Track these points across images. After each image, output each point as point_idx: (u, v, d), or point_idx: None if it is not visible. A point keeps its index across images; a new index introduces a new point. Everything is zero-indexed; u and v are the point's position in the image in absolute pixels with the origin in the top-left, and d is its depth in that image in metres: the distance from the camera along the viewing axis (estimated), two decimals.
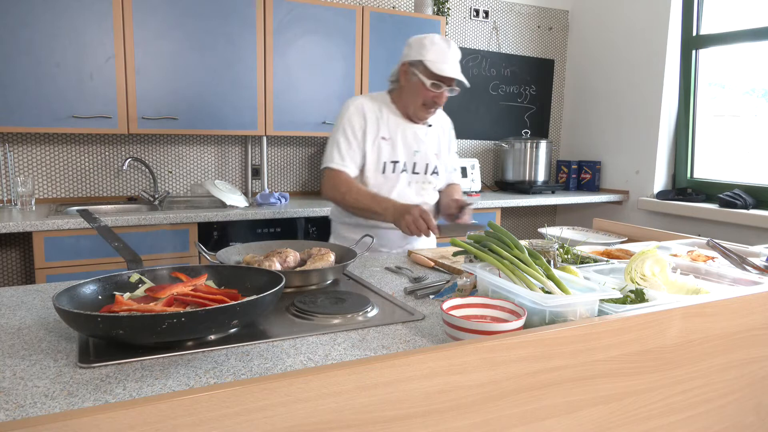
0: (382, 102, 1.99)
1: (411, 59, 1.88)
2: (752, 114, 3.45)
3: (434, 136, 2.05)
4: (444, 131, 2.11)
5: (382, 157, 1.93)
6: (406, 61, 1.90)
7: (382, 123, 1.94)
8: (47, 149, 2.94)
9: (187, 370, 0.88)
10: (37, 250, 2.42)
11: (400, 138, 1.96)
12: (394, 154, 1.95)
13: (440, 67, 1.83)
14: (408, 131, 1.98)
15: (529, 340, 0.85)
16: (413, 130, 1.99)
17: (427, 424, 0.78)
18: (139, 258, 1.23)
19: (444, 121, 2.13)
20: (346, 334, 1.05)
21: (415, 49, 1.88)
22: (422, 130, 2.01)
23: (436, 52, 1.84)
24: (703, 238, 1.74)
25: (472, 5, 3.99)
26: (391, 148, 1.94)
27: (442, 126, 2.11)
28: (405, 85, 1.93)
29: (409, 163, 1.98)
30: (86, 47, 2.64)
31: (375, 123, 1.93)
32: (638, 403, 0.99)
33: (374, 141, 1.93)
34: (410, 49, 1.90)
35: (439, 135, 2.08)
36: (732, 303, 1.07)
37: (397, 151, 1.95)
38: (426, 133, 2.02)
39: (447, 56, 1.84)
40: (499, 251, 1.12)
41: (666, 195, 3.66)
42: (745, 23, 3.34)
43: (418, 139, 1.99)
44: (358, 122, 1.92)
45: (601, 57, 4.14)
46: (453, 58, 1.86)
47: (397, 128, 1.96)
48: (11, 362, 0.90)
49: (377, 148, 1.93)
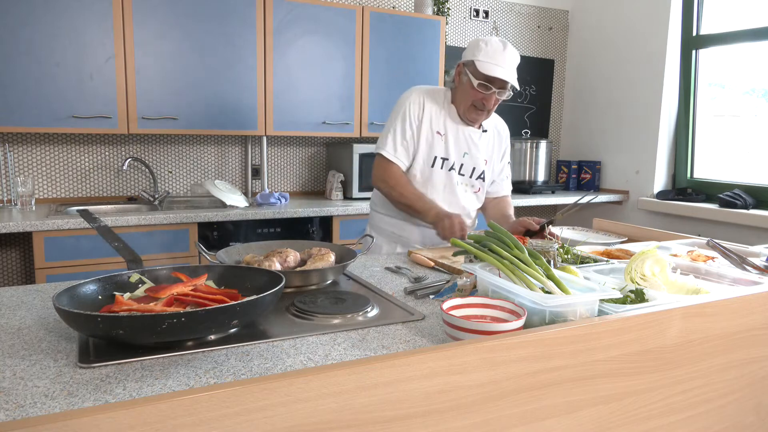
0: (443, 97, 1.97)
1: (465, 59, 1.88)
2: (752, 114, 3.45)
3: (487, 141, 2.03)
4: (499, 138, 2.08)
5: (434, 151, 1.93)
6: (461, 62, 1.90)
7: (439, 118, 1.94)
8: (47, 149, 2.94)
9: (187, 370, 0.88)
10: (37, 250, 2.42)
11: (452, 136, 1.94)
12: (446, 150, 1.94)
13: (488, 68, 1.79)
14: (461, 132, 1.96)
15: (529, 340, 0.85)
16: (467, 131, 1.97)
17: (427, 424, 0.78)
18: (139, 258, 1.23)
19: (501, 128, 2.09)
20: (346, 334, 1.05)
21: (470, 49, 1.87)
22: (476, 133, 1.98)
23: (488, 53, 1.81)
24: (703, 238, 1.74)
25: (472, 5, 3.99)
26: (444, 144, 1.94)
27: (499, 132, 2.08)
28: (458, 85, 1.92)
29: (457, 163, 1.97)
30: (86, 47, 2.64)
31: (433, 116, 1.93)
32: (638, 403, 0.99)
33: (429, 134, 1.92)
34: (466, 50, 1.89)
35: (493, 141, 2.05)
36: (732, 303, 1.07)
37: (449, 148, 1.94)
38: (480, 137, 1.99)
39: (498, 57, 1.80)
40: (499, 251, 1.12)
41: (666, 195, 3.66)
42: (745, 23, 3.34)
43: (470, 142, 1.97)
44: (417, 112, 1.92)
45: (601, 57, 4.14)
46: (506, 60, 1.82)
47: (452, 126, 1.95)
48: (11, 362, 0.90)
49: (431, 141, 1.93)
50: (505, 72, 1.80)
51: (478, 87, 1.83)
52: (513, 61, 1.83)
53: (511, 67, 1.82)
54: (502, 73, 1.80)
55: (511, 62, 1.83)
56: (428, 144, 1.93)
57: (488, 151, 2.04)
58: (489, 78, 1.81)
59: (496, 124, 2.08)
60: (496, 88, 1.83)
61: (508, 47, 1.83)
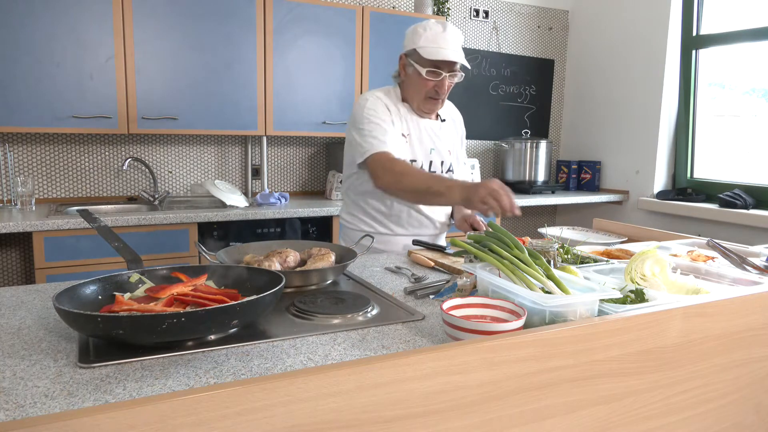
0: (395, 97, 1.87)
1: (406, 49, 1.79)
2: (752, 114, 3.45)
3: (448, 131, 1.94)
4: (456, 125, 2.00)
5: (402, 155, 1.80)
6: (402, 53, 1.81)
7: (400, 119, 1.83)
8: (47, 149, 2.94)
9: (187, 370, 0.88)
10: (37, 250, 2.42)
11: (416, 136, 1.85)
12: (412, 152, 1.84)
13: (433, 52, 1.70)
14: (422, 127, 1.86)
15: (529, 340, 0.85)
16: (427, 126, 1.87)
17: (427, 424, 0.78)
18: (139, 258, 1.23)
19: (455, 114, 2.01)
20: (346, 334, 1.05)
21: (409, 38, 1.78)
22: (436, 125, 1.89)
23: (429, 37, 1.72)
24: (703, 238, 1.74)
25: (472, 5, 3.99)
26: (410, 146, 1.84)
27: (454, 119, 1.99)
28: (405, 78, 1.83)
29: (425, 162, 1.87)
30: (86, 47, 2.64)
31: (395, 118, 1.82)
32: (638, 403, 0.99)
33: (398, 137, 1.82)
34: (405, 39, 1.80)
35: (452, 129, 1.97)
36: (732, 303, 1.07)
37: (415, 149, 1.85)
38: (440, 128, 1.91)
39: (440, 39, 1.71)
40: (499, 251, 1.12)
41: (666, 195, 3.66)
42: (745, 23, 3.34)
43: (433, 136, 1.88)
44: (383, 112, 1.79)
45: (601, 57, 4.14)
46: (449, 40, 1.72)
47: (413, 125, 1.85)
48: (11, 362, 0.90)
49: (400, 146, 1.81)
50: (452, 53, 1.71)
51: (427, 75, 1.74)
52: (456, 41, 1.74)
53: (456, 47, 1.73)
54: (449, 55, 1.70)
55: (454, 42, 1.73)
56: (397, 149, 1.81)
57: (450, 140, 1.95)
58: (436, 63, 1.72)
59: (451, 111, 1.99)
60: (446, 72, 1.75)
61: (448, 27, 1.73)
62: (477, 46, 4.05)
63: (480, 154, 4.16)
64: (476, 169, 3.83)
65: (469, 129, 2.11)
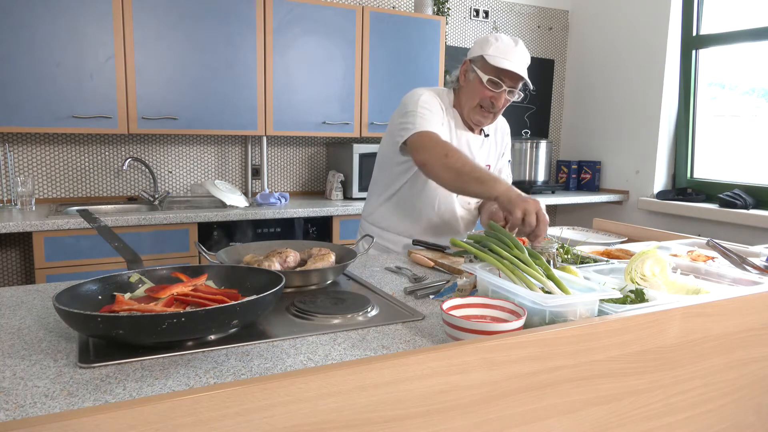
0: (447, 99, 1.84)
1: (472, 55, 1.75)
2: (752, 114, 3.45)
3: (489, 146, 1.91)
4: (500, 139, 1.95)
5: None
6: (467, 59, 1.78)
7: (445, 121, 1.80)
8: (47, 149, 2.93)
9: (187, 370, 0.88)
10: (37, 250, 2.42)
11: (455, 143, 1.80)
12: None
13: (500, 61, 1.67)
14: (462, 139, 1.82)
15: (529, 340, 0.85)
16: (468, 138, 1.84)
17: (427, 424, 0.78)
18: (139, 258, 1.23)
19: (502, 125, 1.97)
20: (346, 334, 1.05)
21: (478, 45, 1.75)
22: (477, 140, 1.86)
23: (500, 48, 1.69)
24: (703, 238, 1.74)
25: (472, 5, 3.99)
26: None
27: (502, 135, 1.96)
28: (464, 84, 1.79)
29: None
30: (86, 47, 2.64)
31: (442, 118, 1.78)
32: (638, 403, 0.99)
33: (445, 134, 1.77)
34: (474, 47, 1.77)
35: (495, 146, 1.94)
36: (732, 303, 1.07)
37: None
38: (481, 144, 1.87)
39: (510, 52, 1.69)
40: (499, 251, 1.12)
41: (666, 195, 3.66)
42: (745, 23, 3.34)
43: (470, 150, 1.83)
44: (437, 106, 1.75)
45: (601, 57, 4.14)
46: (519, 55, 1.70)
47: (456, 133, 1.82)
48: (11, 362, 0.90)
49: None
50: (518, 66, 1.68)
51: (487, 83, 1.71)
52: (524, 59, 1.73)
53: (523, 64, 1.71)
54: (515, 67, 1.68)
55: (522, 58, 1.72)
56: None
57: (491, 155, 1.92)
58: (499, 72, 1.69)
59: (498, 126, 1.96)
60: (507, 86, 1.73)
61: (519, 43, 1.73)
62: None
63: None
64: None
65: None
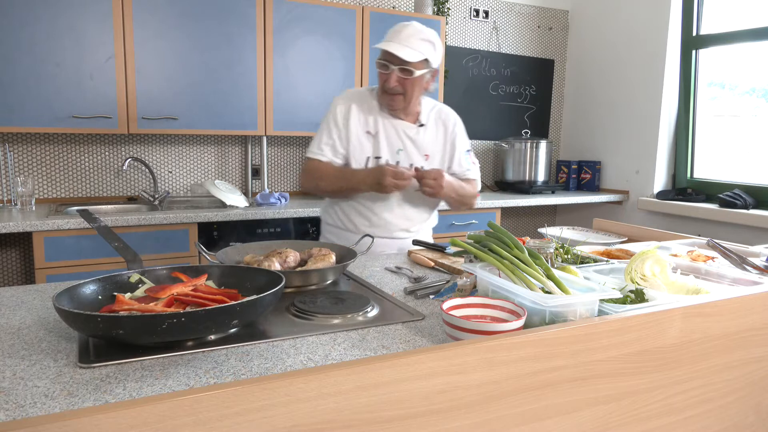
0: (370, 96, 1.92)
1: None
2: (752, 114, 3.45)
3: (427, 136, 1.93)
4: (444, 129, 1.97)
5: (365, 151, 1.88)
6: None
7: (368, 117, 1.88)
8: (47, 149, 2.94)
9: (187, 370, 0.88)
10: (37, 250, 2.42)
11: (383, 134, 1.89)
12: (378, 149, 1.88)
13: (382, 44, 1.75)
14: (392, 128, 1.90)
15: (529, 340, 0.85)
16: (401, 127, 1.90)
17: (427, 424, 0.78)
18: (139, 258, 1.23)
19: (446, 118, 1.98)
20: (346, 334, 1.05)
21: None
22: (412, 128, 1.91)
23: (388, 33, 1.78)
24: (703, 238, 1.74)
25: (472, 5, 3.99)
26: (375, 143, 1.88)
27: (443, 122, 1.97)
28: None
29: (392, 160, 1.89)
30: (86, 47, 2.64)
31: (361, 116, 1.88)
32: (638, 403, 0.99)
33: (359, 134, 1.87)
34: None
35: (435, 134, 1.95)
36: (732, 303, 1.07)
37: (381, 146, 1.89)
38: (417, 132, 1.92)
39: (394, 35, 1.76)
40: (499, 251, 1.12)
41: (666, 195, 3.66)
42: (745, 23, 3.34)
43: (404, 137, 1.90)
44: (343, 113, 1.88)
45: (601, 57, 4.14)
46: (403, 36, 1.74)
47: (383, 124, 1.89)
48: (11, 362, 0.90)
49: (362, 142, 1.88)
50: (396, 46, 1.72)
51: (377, 67, 1.80)
52: (410, 37, 1.75)
53: (405, 42, 1.73)
54: (391, 47, 1.72)
55: (407, 38, 1.74)
56: (360, 145, 1.87)
57: (429, 145, 1.94)
58: (384, 54, 1.77)
59: (440, 116, 1.97)
60: (395, 66, 1.76)
61: (410, 25, 1.77)
62: (477, 46, 4.05)
63: (480, 154, 4.16)
64: None
65: (469, 129, 2.09)
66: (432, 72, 1.86)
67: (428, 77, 1.86)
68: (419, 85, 1.83)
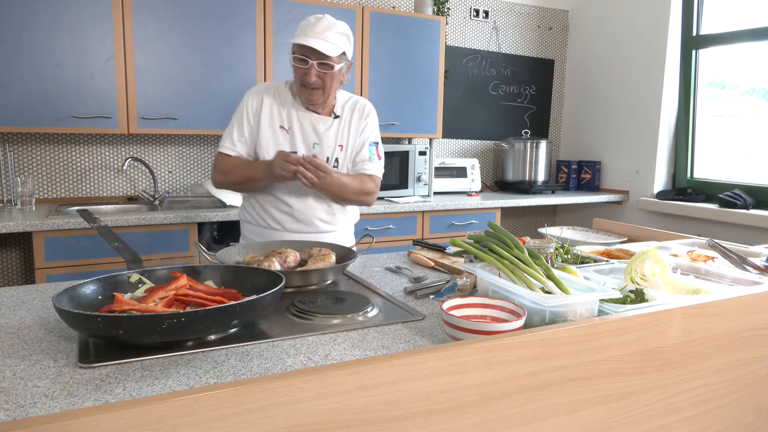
0: (285, 90, 1.88)
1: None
2: (752, 114, 3.45)
3: (340, 126, 1.90)
4: (358, 119, 1.93)
5: (280, 147, 1.82)
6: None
7: (282, 111, 1.85)
8: (47, 149, 2.93)
9: (187, 370, 0.88)
10: (37, 250, 2.42)
11: (298, 128, 1.84)
12: (293, 144, 1.84)
13: (298, 39, 1.71)
14: (307, 122, 1.85)
15: (529, 340, 0.85)
16: (315, 120, 1.86)
17: (427, 424, 0.78)
18: (139, 258, 1.23)
19: (360, 107, 1.95)
20: (346, 334, 1.05)
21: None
22: (326, 121, 1.87)
23: (302, 26, 1.74)
24: (703, 238, 1.74)
25: (472, 5, 3.99)
26: (290, 138, 1.84)
27: (359, 111, 1.94)
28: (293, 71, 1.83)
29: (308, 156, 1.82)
30: (86, 47, 2.64)
31: (274, 111, 1.84)
32: (638, 403, 0.99)
33: (273, 130, 1.83)
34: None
35: (349, 125, 1.91)
36: (732, 303, 1.07)
37: (296, 141, 1.84)
38: (331, 124, 1.88)
39: (308, 28, 1.72)
40: (499, 251, 1.12)
41: (666, 195, 3.66)
42: (745, 23, 3.34)
43: (319, 131, 1.85)
44: (254, 108, 1.84)
45: (601, 57, 4.14)
46: (318, 29, 1.71)
47: (297, 118, 1.85)
48: (11, 362, 0.90)
49: (276, 138, 1.83)
50: (314, 41, 1.69)
51: (294, 62, 1.76)
52: (327, 30, 1.72)
53: (322, 36, 1.71)
54: (309, 41, 1.68)
55: (323, 31, 1.71)
56: (275, 141, 1.83)
57: (343, 136, 1.90)
58: (301, 48, 1.72)
59: (355, 107, 1.94)
60: (315, 60, 1.72)
61: (323, 19, 1.74)
62: (477, 46, 4.05)
63: (480, 154, 4.16)
64: (476, 169, 3.83)
65: (469, 129, 2.10)
66: (348, 64, 1.86)
67: (345, 70, 1.85)
68: (338, 79, 1.82)
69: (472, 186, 3.80)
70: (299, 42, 1.71)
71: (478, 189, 3.83)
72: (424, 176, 3.48)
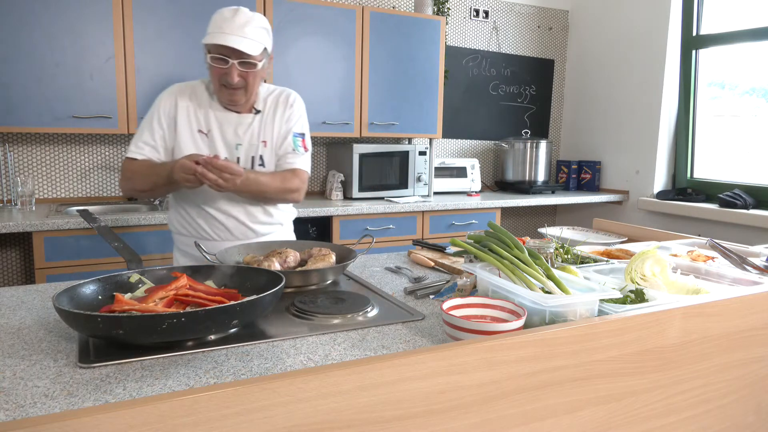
0: (202, 90, 1.74)
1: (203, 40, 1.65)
2: (752, 114, 3.45)
3: (263, 121, 1.77)
4: (282, 111, 1.80)
5: (201, 152, 1.67)
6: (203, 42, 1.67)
7: (199, 114, 1.72)
8: (47, 149, 2.93)
9: (187, 370, 0.88)
10: (37, 250, 2.42)
11: (218, 131, 1.72)
12: (213, 149, 1.71)
13: (215, 38, 1.57)
14: (227, 123, 1.72)
15: (529, 340, 0.85)
16: (235, 120, 1.73)
17: (427, 424, 0.78)
18: (139, 258, 1.23)
19: (284, 98, 1.83)
20: (346, 334, 1.05)
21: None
22: (247, 118, 1.74)
23: (215, 23, 1.60)
24: (703, 238, 1.74)
25: (472, 5, 3.99)
26: (211, 143, 1.71)
27: (283, 104, 1.81)
28: (208, 70, 1.70)
29: (232, 158, 1.72)
30: (86, 47, 2.64)
31: (191, 114, 1.72)
32: (638, 403, 0.99)
33: (192, 134, 1.70)
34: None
35: (272, 119, 1.79)
36: (732, 303, 1.07)
37: (217, 146, 1.71)
38: (252, 120, 1.75)
39: (225, 24, 1.58)
40: (499, 251, 1.12)
41: (666, 195, 3.66)
42: (745, 23, 3.34)
43: (241, 130, 1.73)
44: (167, 111, 1.71)
45: (601, 57, 4.14)
46: (236, 25, 1.57)
47: (216, 119, 1.72)
48: (11, 362, 0.90)
49: (195, 142, 1.70)
50: (232, 39, 1.56)
51: (212, 62, 1.62)
52: (245, 26, 1.59)
53: (241, 33, 1.58)
54: (227, 40, 1.55)
55: (241, 27, 1.58)
56: (194, 145, 1.70)
57: (266, 131, 1.77)
58: (219, 48, 1.59)
59: (278, 99, 1.82)
60: (235, 59, 1.60)
61: (240, 12, 1.60)
62: (477, 46, 4.05)
63: (480, 154, 4.16)
64: (476, 169, 3.83)
65: (469, 129, 2.09)
66: (269, 59, 1.75)
67: (267, 65, 1.73)
68: (260, 76, 1.71)
69: (472, 186, 3.80)
70: (216, 42, 1.57)
71: (478, 189, 3.83)
72: (424, 176, 3.48)
